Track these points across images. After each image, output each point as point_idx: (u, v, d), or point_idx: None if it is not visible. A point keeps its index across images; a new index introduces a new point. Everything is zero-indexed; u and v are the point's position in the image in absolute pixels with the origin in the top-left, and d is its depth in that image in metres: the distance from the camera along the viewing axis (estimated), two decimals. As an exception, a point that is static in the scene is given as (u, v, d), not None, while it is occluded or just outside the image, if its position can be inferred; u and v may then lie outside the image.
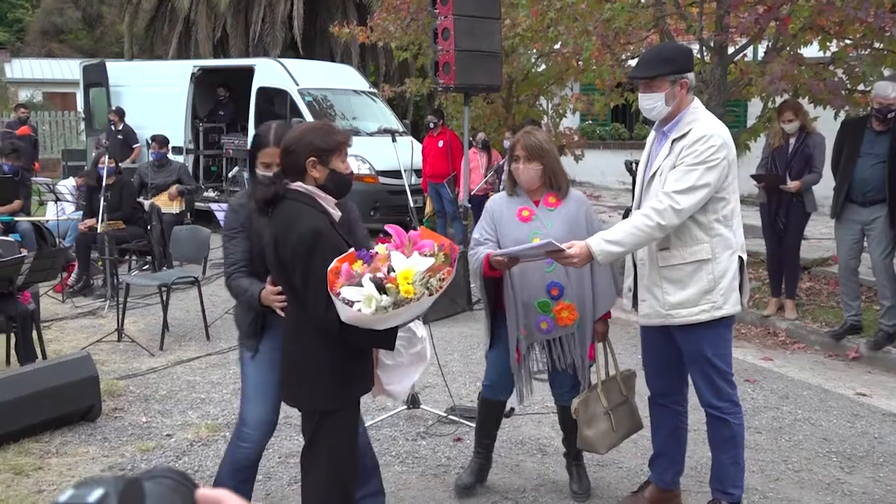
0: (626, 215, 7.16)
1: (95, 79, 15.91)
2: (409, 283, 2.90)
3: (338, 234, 3.25)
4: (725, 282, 3.77)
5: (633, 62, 10.58)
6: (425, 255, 3.00)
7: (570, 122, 15.00)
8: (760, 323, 7.91)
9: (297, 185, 3.25)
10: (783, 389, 6.18)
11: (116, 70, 16.05)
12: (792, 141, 7.54)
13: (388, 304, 2.90)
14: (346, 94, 14.79)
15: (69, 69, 34.30)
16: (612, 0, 9.06)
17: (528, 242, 3.91)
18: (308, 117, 13.32)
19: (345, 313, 2.96)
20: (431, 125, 12.21)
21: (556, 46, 11.53)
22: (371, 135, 13.24)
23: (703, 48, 9.12)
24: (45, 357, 6.39)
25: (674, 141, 3.76)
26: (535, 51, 12.88)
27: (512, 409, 5.49)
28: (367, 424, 4.99)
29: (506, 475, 4.70)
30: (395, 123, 14.54)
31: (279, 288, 3.40)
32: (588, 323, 4.15)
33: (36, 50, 41.99)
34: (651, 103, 3.81)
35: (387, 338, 3.20)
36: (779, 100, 8.33)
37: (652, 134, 4.07)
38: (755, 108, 11.59)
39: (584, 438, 4.19)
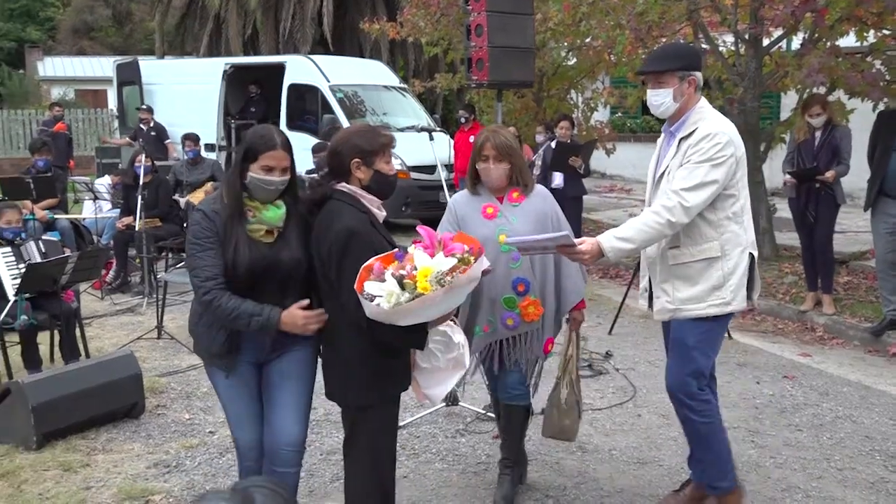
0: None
1: (129, 77, 16.09)
2: (426, 281, 2.97)
3: (378, 234, 3.31)
4: (735, 279, 3.79)
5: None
6: (453, 257, 3.06)
7: (601, 115, 14.94)
8: (797, 318, 7.85)
9: (342, 186, 3.34)
10: (823, 386, 6.14)
11: (149, 68, 16.23)
12: (818, 134, 7.47)
13: (406, 299, 2.97)
14: (377, 90, 14.84)
15: (100, 66, 34.73)
16: (645, -7, 9.03)
17: (494, 240, 3.95)
18: (339, 113, 13.39)
19: (367, 309, 3.04)
20: (463, 120, 12.23)
21: (588, 40, 11.49)
22: (402, 130, 13.27)
23: (738, 40, 9.05)
24: (87, 354, 6.49)
25: (681, 140, 3.78)
26: (566, 45, 12.84)
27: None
28: (406, 422, 5.04)
29: (546, 473, 4.71)
30: (425, 118, 14.57)
31: (306, 305, 3.34)
32: (549, 319, 4.17)
33: (67, 48, 42.48)
34: (659, 99, 3.83)
35: (415, 337, 3.25)
36: (816, 91, 8.26)
37: (661, 137, 4.07)
38: (789, 99, 11.50)
39: (563, 428, 4.24)
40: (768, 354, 6.96)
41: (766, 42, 8.97)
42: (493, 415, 5.45)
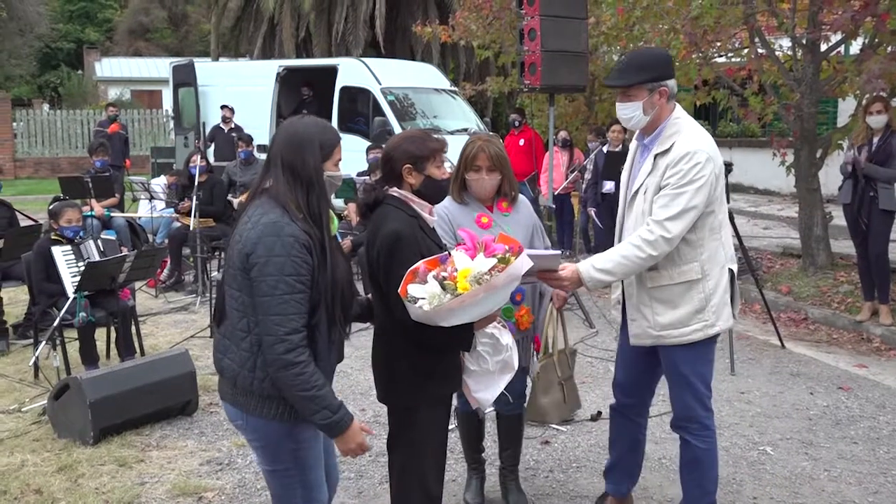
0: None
1: (184, 78, 16.32)
2: (466, 281, 2.99)
3: (427, 238, 3.34)
4: (717, 298, 3.66)
5: (720, 60, 10.41)
6: (494, 257, 3.08)
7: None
8: (853, 328, 7.70)
9: (393, 191, 3.37)
10: (879, 398, 6.01)
11: (204, 70, 16.45)
12: (875, 140, 7.33)
13: (447, 300, 2.99)
14: (428, 93, 14.87)
15: (155, 68, 35.44)
16: (700, -3, 8.93)
17: None
18: (390, 116, 13.45)
19: (411, 311, 3.06)
20: (516, 123, 12.23)
21: (641, 44, 11.39)
22: (452, 133, 13.29)
23: (795, 45, 8.92)
24: (142, 352, 6.62)
25: (656, 156, 3.63)
26: (618, 48, 12.75)
27: (599, 413, 5.50)
28: (454, 425, 5.04)
29: (595, 480, 4.68)
30: (475, 121, 14.58)
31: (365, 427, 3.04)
32: (538, 319, 4.13)
33: (124, 49, 43.37)
34: (629, 113, 3.66)
35: (461, 338, 3.27)
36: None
37: (634, 144, 3.92)
38: (847, 105, 11.28)
39: (539, 407, 4.10)
40: (823, 365, 6.84)
41: (824, 47, 8.81)
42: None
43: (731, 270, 3.73)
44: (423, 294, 3.02)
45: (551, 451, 5.11)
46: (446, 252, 3.21)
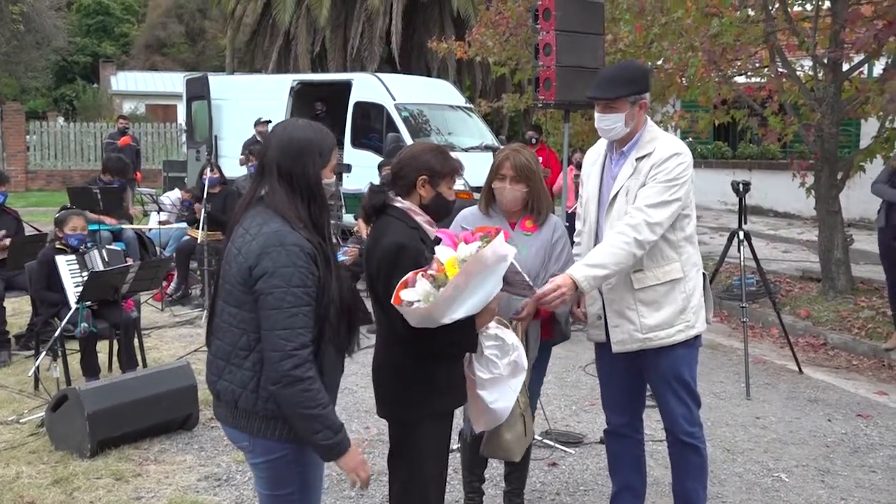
0: (731, 237, 6.94)
1: (198, 92, 16.31)
2: (454, 267, 2.95)
3: (427, 249, 3.25)
4: (696, 300, 3.76)
5: (739, 78, 10.27)
6: (475, 243, 3.05)
7: (670, 139, 14.70)
8: (873, 354, 7.51)
9: (396, 201, 3.29)
10: (901, 426, 5.84)
11: (218, 83, 16.43)
12: None
13: (440, 292, 2.92)
14: (442, 109, 14.79)
15: (171, 82, 35.64)
16: (719, 15, 8.79)
17: None
18: (404, 132, 13.36)
19: (409, 317, 2.99)
20: (532, 141, 12.12)
21: (659, 62, 11.29)
22: (466, 150, 13.18)
23: (816, 65, 8.78)
24: (145, 365, 6.50)
25: (637, 159, 3.71)
26: (635, 67, 12.66)
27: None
28: (457, 445, 4.89)
29: (605, 505, 4.53)
30: (490, 138, 14.48)
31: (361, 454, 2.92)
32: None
33: (140, 63, 43.64)
34: (610, 124, 3.70)
35: (465, 337, 3.18)
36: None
37: (593, 154, 3.96)
38: (869, 127, 11.12)
39: (503, 444, 3.82)
40: (841, 391, 6.66)
41: (846, 67, 8.67)
42: (549, 441, 5.31)
43: (704, 274, 3.88)
44: (415, 296, 2.95)
45: (559, 473, 4.96)
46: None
